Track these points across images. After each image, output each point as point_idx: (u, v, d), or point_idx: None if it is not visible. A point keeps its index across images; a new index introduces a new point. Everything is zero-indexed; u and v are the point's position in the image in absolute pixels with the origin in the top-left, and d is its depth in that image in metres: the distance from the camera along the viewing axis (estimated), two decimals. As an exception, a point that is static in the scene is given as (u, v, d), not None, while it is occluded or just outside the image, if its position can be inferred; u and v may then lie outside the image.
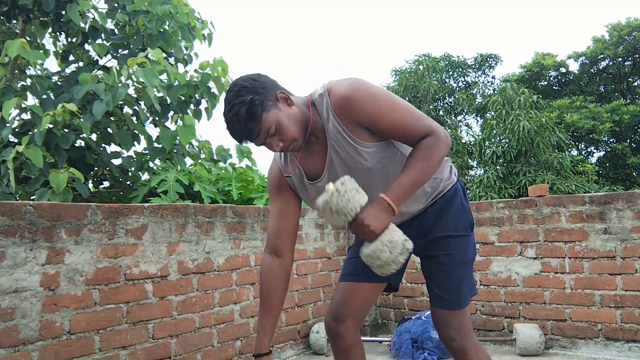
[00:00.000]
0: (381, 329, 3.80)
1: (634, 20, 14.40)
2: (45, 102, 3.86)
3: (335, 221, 1.34)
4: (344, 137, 1.40)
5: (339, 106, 1.37)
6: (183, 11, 4.44)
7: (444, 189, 1.59)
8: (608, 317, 2.91)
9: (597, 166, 12.65)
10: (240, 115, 1.31)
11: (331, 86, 1.40)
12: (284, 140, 1.37)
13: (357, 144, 1.40)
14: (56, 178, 3.15)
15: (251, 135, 1.35)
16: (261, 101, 1.32)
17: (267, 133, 1.34)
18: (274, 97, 1.36)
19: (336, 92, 1.38)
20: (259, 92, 1.33)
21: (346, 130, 1.39)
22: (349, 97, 1.36)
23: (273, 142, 1.37)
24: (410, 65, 16.19)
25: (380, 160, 1.43)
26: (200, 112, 4.55)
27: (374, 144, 1.41)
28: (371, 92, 1.37)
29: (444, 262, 1.60)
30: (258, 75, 1.39)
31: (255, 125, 1.32)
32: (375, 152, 1.42)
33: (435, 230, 1.59)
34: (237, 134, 1.36)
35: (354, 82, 1.39)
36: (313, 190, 1.51)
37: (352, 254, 1.74)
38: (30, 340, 1.92)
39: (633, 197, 2.88)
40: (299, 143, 1.40)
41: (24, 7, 4.12)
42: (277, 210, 1.56)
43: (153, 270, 2.40)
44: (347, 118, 1.38)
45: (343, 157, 1.42)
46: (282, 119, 1.35)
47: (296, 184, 1.55)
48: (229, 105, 1.33)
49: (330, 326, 1.65)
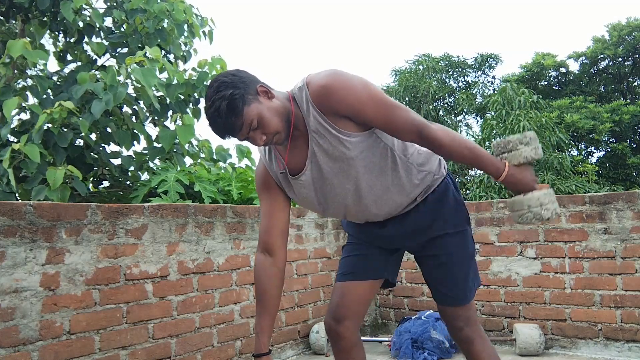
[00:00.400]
0: (381, 329, 3.80)
1: (634, 20, 14.39)
2: (45, 101, 3.86)
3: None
4: (325, 128, 1.39)
5: (318, 97, 1.37)
6: (179, 8, 4.43)
7: (433, 184, 1.58)
8: (608, 317, 2.91)
9: (597, 166, 12.63)
10: (222, 110, 1.31)
11: (310, 78, 1.40)
12: (267, 133, 1.37)
13: (339, 133, 1.39)
14: (53, 174, 3.15)
15: (233, 129, 1.35)
16: (241, 95, 1.33)
17: (249, 127, 1.34)
18: (254, 91, 1.36)
19: (314, 83, 1.38)
20: (238, 86, 1.34)
21: (327, 120, 1.38)
22: (327, 87, 1.36)
23: (256, 135, 1.37)
24: (410, 65, 16.18)
25: (364, 150, 1.42)
26: (200, 111, 4.55)
27: (357, 133, 1.41)
28: (349, 81, 1.37)
29: (445, 262, 1.60)
30: (237, 71, 1.40)
31: (237, 120, 1.33)
32: (358, 142, 1.41)
33: (432, 229, 1.59)
34: (220, 129, 1.36)
35: (331, 72, 1.39)
36: (297, 185, 1.51)
37: (346, 253, 1.74)
38: (30, 340, 1.92)
39: (633, 197, 2.88)
40: (282, 135, 1.40)
41: (21, 6, 4.11)
42: (266, 209, 1.56)
43: (153, 270, 2.40)
44: (327, 108, 1.38)
45: (325, 148, 1.41)
46: (263, 112, 1.35)
47: (281, 179, 1.54)
48: (209, 101, 1.34)
49: (331, 326, 1.65)
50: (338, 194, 1.49)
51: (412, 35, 71.69)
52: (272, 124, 1.36)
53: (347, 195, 1.49)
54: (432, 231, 1.59)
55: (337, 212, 1.57)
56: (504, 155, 1.51)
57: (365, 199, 1.49)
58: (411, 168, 1.51)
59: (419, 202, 1.58)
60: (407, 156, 1.50)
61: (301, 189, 1.51)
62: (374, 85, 1.41)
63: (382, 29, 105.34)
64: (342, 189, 1.48)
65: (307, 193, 1.51)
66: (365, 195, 1.49)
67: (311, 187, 1.49)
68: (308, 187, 1.50)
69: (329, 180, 1.47)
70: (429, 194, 1.58)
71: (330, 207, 1.55)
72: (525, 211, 1.45)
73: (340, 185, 1.47)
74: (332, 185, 1.48)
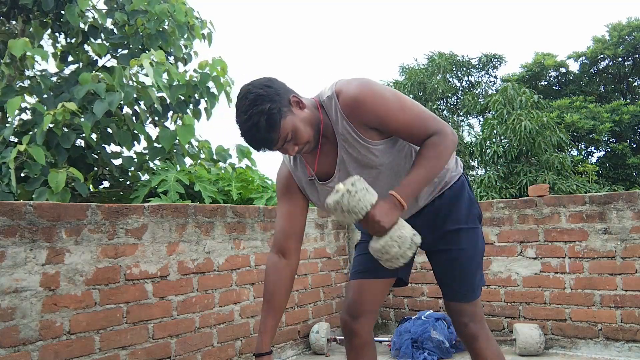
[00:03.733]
0: (381, 329, 3.80)
1: (634, 20, 14.40)
2: (46, 101, 3.87)
3: (346, 219, 1.36)
4: (354, 138, 1.41)
5: (348, 108, 1.39)
6: (181, 9, 4.44)
7: (450, 180, 1.60)
8: (608, 317, 2.91)
9: (597, 166, 12.63)
10: (260, 125, 1.30)
11: (340, 88, 1.41)
12: (299, 144, 1.38)
13: (368, 143, 1.42)
14: (55, 178, 3.16)
15: (270, 143, 1.35)
16: (279, 109, 1.32)
17: (284, 140, 1.35)
18: (288, 102, 1.36)
19: (345, 93, 1.39)
20: (274, 99, 1.32)
21: (356, 131, 1.40)
22: (358, 99, 1.37)
23: (289, 147, 1.38)
24: (422, 62, 16.20)
25: (390, 155, 1.45)
26: (200, 112, 4.56)
27: (382, 140, 1.43)
28: (379, 94, 1.38)
29: (456, 257, 1.61)
30: (270, 81, 1.38)
31: (275, 134, 1.33)
32: (385, 149, 1.44)
33: (446, 223, 1.60)
34: (257, 144, 1.36)
35: (362, 83, 1.39)
36: (324, 191, 1.52)
37: (360, 251, 1.75)
38: (30, 340, 1.92)
39: (633, 197, 2.88)
40: (311, 145, 1.42)
41: (24, 7, 4.12)
42: (285, 212, 1.57)
43: (153, 270, 2.40)
44: (357, 119, 1.39)
45: (355, 156, 1.44)
46: (297, 124, 1.35)
47: (305, 185, 1.56)
48: (245, 115, 1.31)
49: (347, 322, 1.67)
50: None
51: (415, 33, 71.73)
52: (305, 135, 1.37)
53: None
54: (447, 225, 1.61)
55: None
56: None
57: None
58: None
59: (436, 197, 1.60)
60: None
61: (327, 195, 1.52)
62: (405, 97, 1.43)
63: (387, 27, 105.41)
64: None
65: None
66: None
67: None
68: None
69: None
70: (446, 189, 1.60)
71: None
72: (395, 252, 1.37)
73: None
74: None
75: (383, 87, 1.42)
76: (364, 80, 1.41)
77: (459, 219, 1.60)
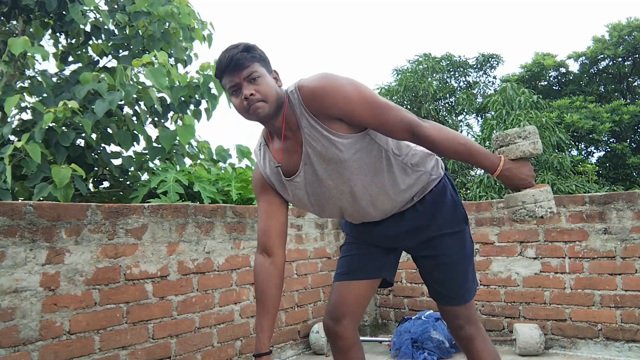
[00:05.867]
0: (381, 329, 3.80)
1: (634, 20, 14.39)
2: (46, 101, 3.87)
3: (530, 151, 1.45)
4: (318, 130, 1.41)
5: (309, 100, 1.40)
6: (185, 11, 4.44)
7: (430, 184, 1.58)
8: (608, 317, 2.91)
9: (597, 166, 12.62)
10: (241, 45, 1.40)
11: (301, 83, 1.43)
12: (258, 92, 1.38)
13: (331, 135, 1.41)
14: (59, 173, 3.16)
15: (237, 65, 1.38)
16: (262, 56, 1.42)
17: (249, 74, 1.38)
18: (270, 68, 1.46)
19: (305, 87, 1.41)
20: (262, 53, 1.44)
21: (319, 123, 1.41)
22: (318, 89, 1.39)
23: (248, 87, 1.39)
24: (411, 65, 16.18)
25: (357, 151, 1.44)
26: (200, 113, 4.55)
27: (350, 135, 1.42)
28: (338, 83, 1.40)
29: (445, 262, 1.61)
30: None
31: (247, 61, 1.38)
32: (351, 143, 1.42)
33: (430, 229, 1.60)
34: (226, 59, 1.39)
35: (321, 75, 1.42)
36: (292, 187, 1.52)
37: (344, 252, 1.75)
38: (30, 340, 1.92)
39: (633, 197, 2.88)
40: (265, 110, 1.40)
41: (26, 7, 4.12)
42: (264, 211, 1.57)
43: (153, 270, 2.40)
44: (319, 110, 1.40)
45: (319, 150, 1.43)
46: (268, 78, 1.42)
47: (276, 183, 1.56)
48: (231, 45, 1.42)
49: (329, 326, 1.66)
50: (333, 196, 1.51)
51: (413, 34, 71.73)
52: (267, 91, 1.40)
53: (342, 196, 1.50)
54: (431, 231, 1.60)
55: (333, 213, 1.59)
56: (501, 149, 1.46)
57: (360, 199, 1.51)
58: (406, 168, 1.52)
59: (416, 201, 1.58)
60: (401, 156, 1.51)
61: (296, 191, 1.52)
62: (365, 86, 1.43)
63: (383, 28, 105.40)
64: (337, 190, 1.49)
65: (302, 195, 1.53)
66: (361, 196, 1.50)
67: (306, 188, 1.51)
68: (302, 189, 1.51)
69: (324, 181, 1.48)
70: (427, 193, 1.58)
71: (326, 208, 1.56)
72: (519, 207, 1.41)
73: (335, 187, 1.49)
74: (327, 187, 1.49)
75: (343, 77, 1.43)
76: (324, 73, 1.43)
77: (443, 224, 1.59)
